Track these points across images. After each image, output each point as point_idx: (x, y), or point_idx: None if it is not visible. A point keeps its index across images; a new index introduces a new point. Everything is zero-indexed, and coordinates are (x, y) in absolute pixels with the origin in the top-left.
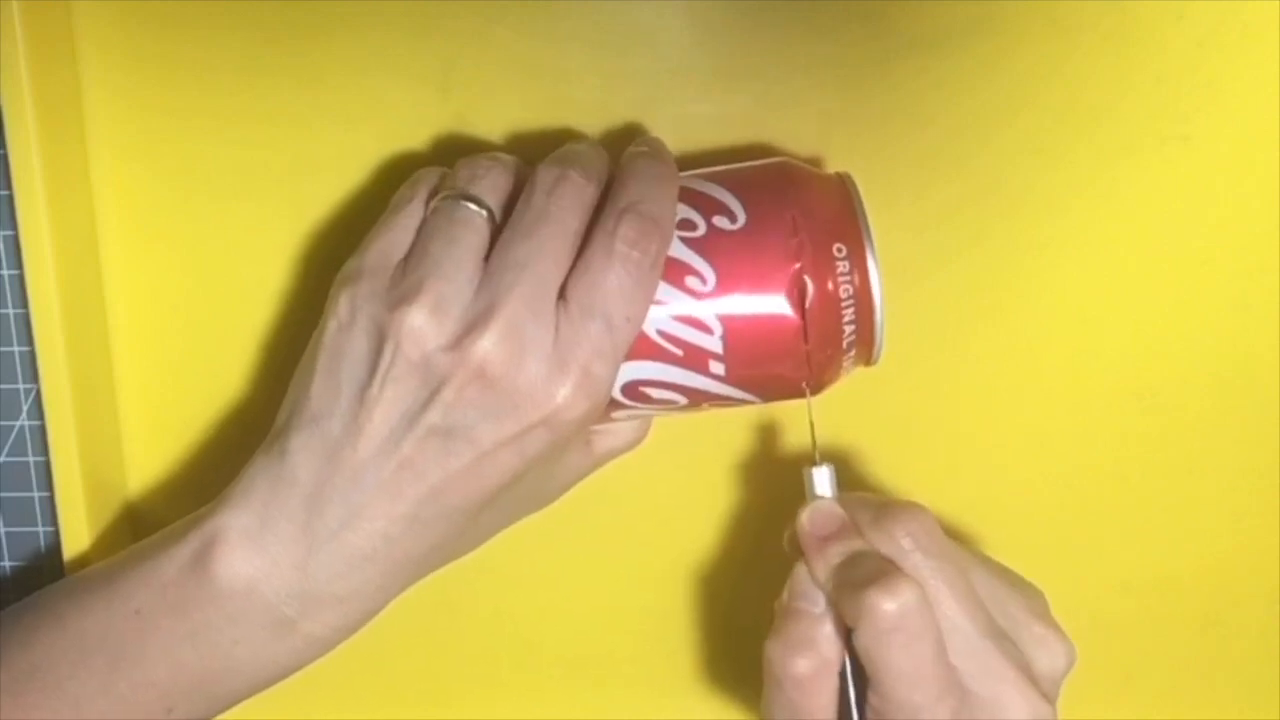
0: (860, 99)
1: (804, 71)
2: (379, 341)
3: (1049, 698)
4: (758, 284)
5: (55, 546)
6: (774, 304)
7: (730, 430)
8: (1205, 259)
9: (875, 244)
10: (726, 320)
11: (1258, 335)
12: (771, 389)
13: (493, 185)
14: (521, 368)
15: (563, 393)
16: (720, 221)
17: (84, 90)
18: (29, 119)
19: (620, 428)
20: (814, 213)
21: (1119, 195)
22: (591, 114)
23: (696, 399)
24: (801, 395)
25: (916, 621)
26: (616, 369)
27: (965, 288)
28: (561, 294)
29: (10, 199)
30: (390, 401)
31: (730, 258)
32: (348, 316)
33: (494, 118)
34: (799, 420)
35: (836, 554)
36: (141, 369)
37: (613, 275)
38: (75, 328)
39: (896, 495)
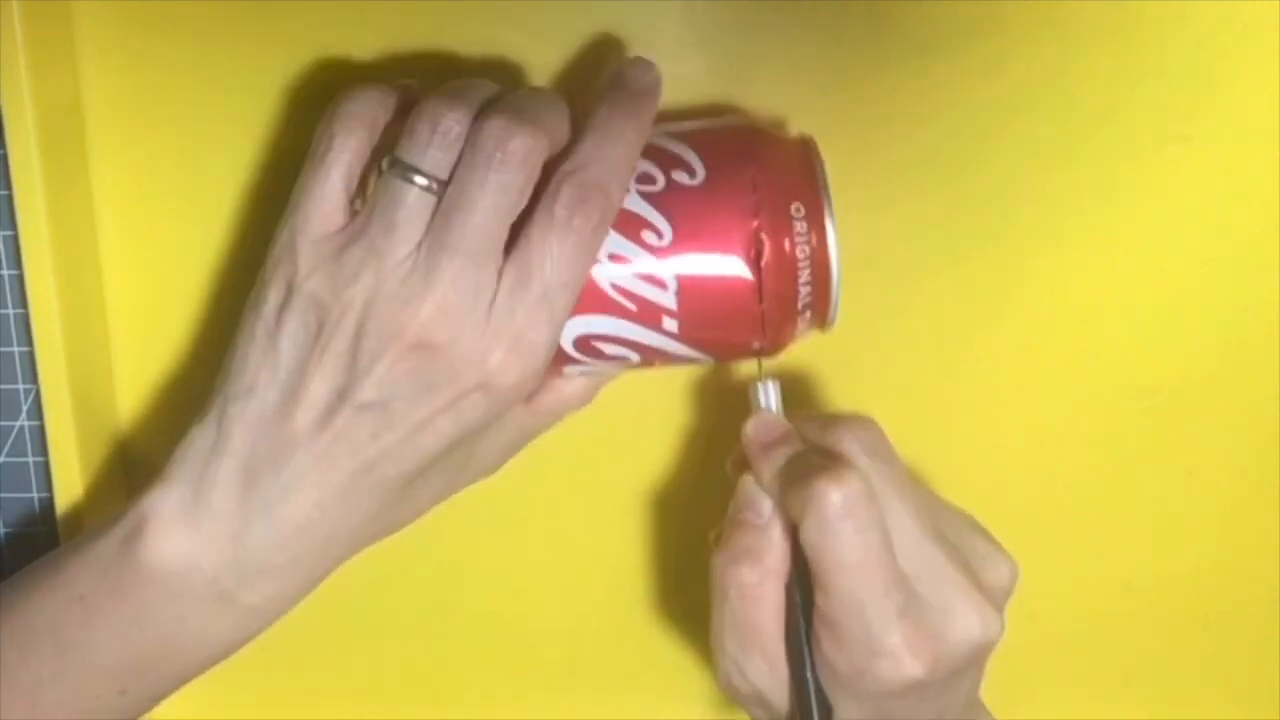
0: (860, 99)
1: (804, 71)
2: (318, 317)
3: (998, 609)
4: (714, 240)
5: (55, 547)
6: (730, 261)
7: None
8: (1205, 259)
9: (834, 207)
10: (681, 276)
11: (1258, 335)
12: (724, 347)
13: (448, 149)
14: (458, 338)
15: (496, 359)
16: (679, 176)
17: (84, 90)
18: (29, 119)
19: (564, 385)
20: (773, 172)
21: (1119, 195)
22: None
23: (649, 356)
24: (755, 355)
25: (863, 511)
26: (555, 335)
27: (965, 288)
28: (502, 260)
29: (10, 199)
30: (327, 376)
31: (687, 213)
32: (285, 291)
33: None
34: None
35: (781, 456)
36: (141, 369)
37: (552, 242)
38: (75, 328)
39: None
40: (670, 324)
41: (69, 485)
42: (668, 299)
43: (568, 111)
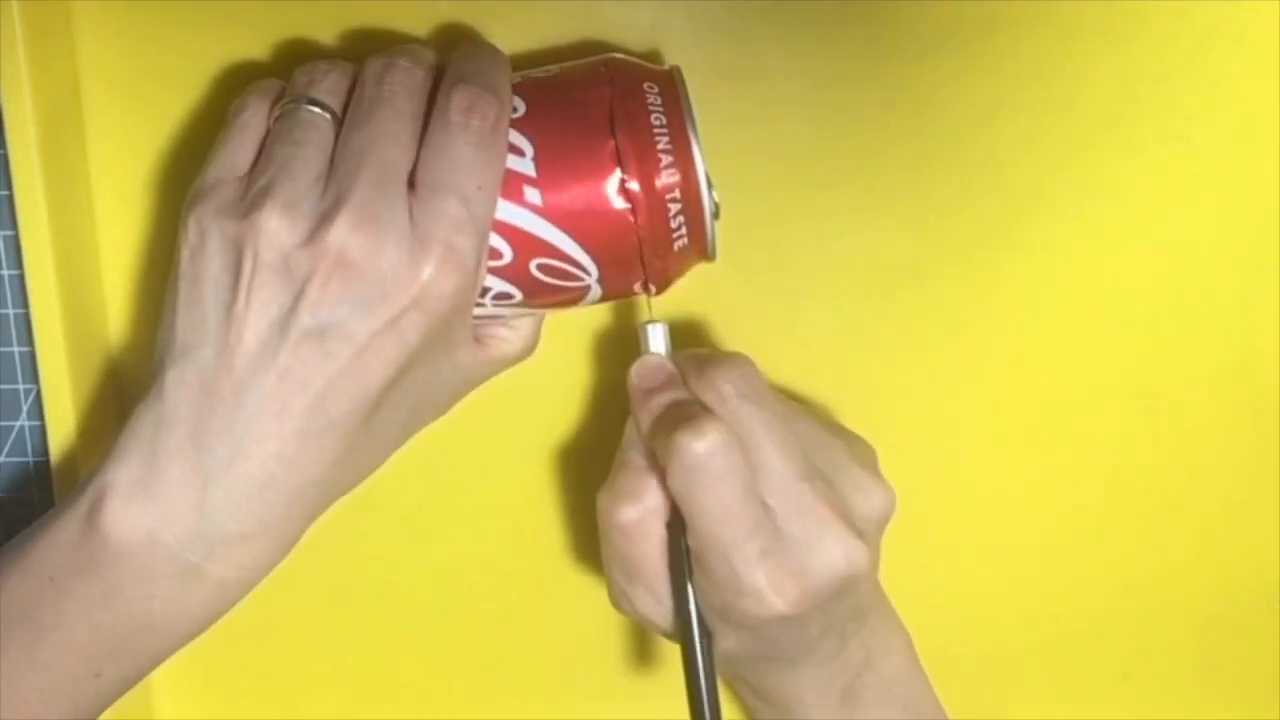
0: (860, 99)
1: (804, 71)
2: (236, 255)
3: (865, 536)
4: (569, 109)
5: None
6: (586, 124)
7: None
8: (1205, 259)
9: (683, 80)
10: (538, 140)
11: (1258, 335)
12: (592, 221)
13: (331, 88)
14: (381, 251)
15: (427, 270)
16: (535, 73)
17: (84, 90)
18: (29, 119)
19: (508, 334)
20: (624, 63)
21: (1119, 195)
22: None
23: (521, 245)
24: (629, 232)
25: (721, 461)
26: (481, 241)
27: (965, 288)
28: (411, 181)
29: (10, 199)
30: (258, 312)
31: (542, 90)
32: (198, 239)
33: None
34: None
35: (659, 405)
36: (142, 370)
37: (454, 147)
38: (75, 328)
39: (898, 492)
40: (533, 194)
41: (69, 486)
42: (527, 165)
43: (437, 56)
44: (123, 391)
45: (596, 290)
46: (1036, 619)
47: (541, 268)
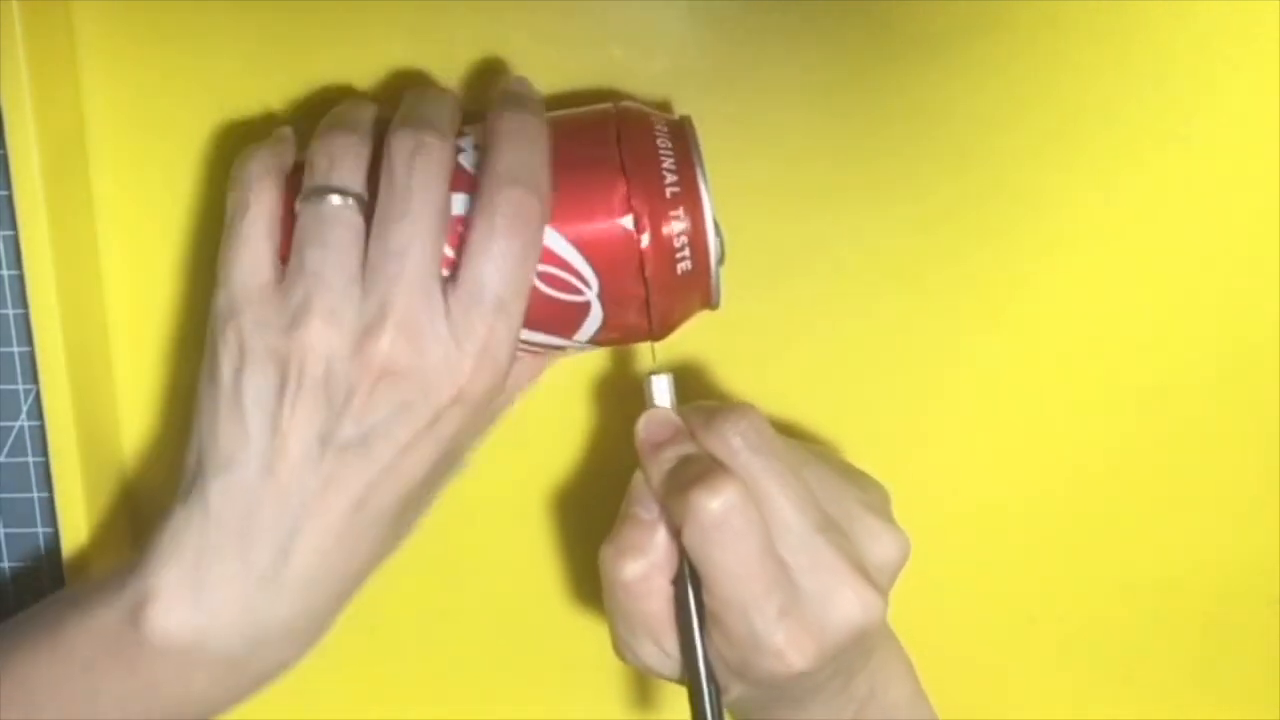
0: (860, 99)
1: (804, 71)
2: (280, 370)
3: (880, 588)
4: (578, 134)
5: (55, 548)
6: (595, 141)
7: None
8: (1205, 259)
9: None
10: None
11: (1258, 335)
12: (594, 230)
13: (353, 166)
14: (424, 355)
15: (467, 370)
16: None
17: (84, 90)
18: (29, 119)
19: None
20: (632, 105)
21: (1119, 195)
22: None
23: None
24: (631, 244)
25: (739, 519)
26: (515, 338)
27: (966, 288)
28: (451, 274)
29: (10, 199)
30: (303, 426)
31: (553, 123)
32: (239, 352)
33: None
34: None
35: (669, 459)
36: (141, 369)
37: (497, 252)
38: (75, 328)
39: (893, 492)
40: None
41: (69, 485)
42: None
43: (459, 105)
44: (122, 390)
45: (598, 311)
46: (1036, 620)
47: (542, 276)
